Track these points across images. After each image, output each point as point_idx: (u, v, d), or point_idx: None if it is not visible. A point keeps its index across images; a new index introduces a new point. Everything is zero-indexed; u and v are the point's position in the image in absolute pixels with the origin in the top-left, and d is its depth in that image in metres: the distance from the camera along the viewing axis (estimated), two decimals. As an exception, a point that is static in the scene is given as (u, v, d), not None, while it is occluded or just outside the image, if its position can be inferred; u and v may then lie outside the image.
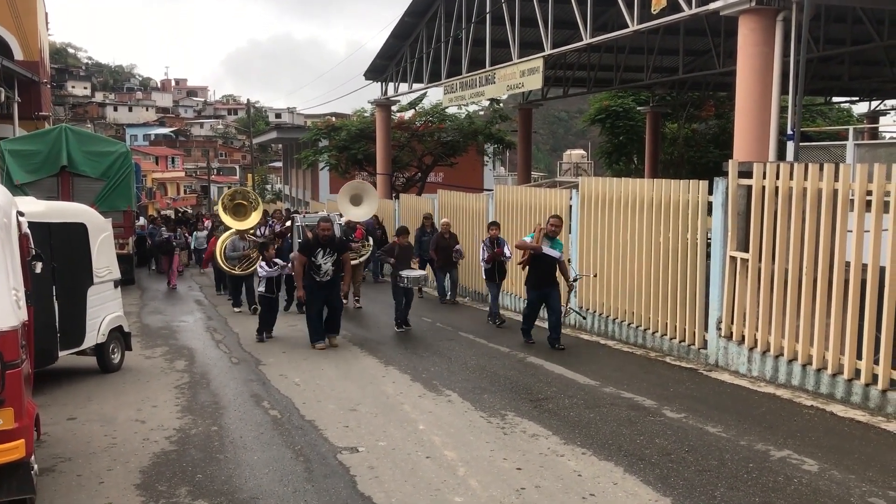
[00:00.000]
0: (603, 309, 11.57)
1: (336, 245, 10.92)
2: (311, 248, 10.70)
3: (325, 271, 10.69)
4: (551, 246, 10.60)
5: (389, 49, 26.37)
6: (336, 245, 10.92)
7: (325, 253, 10.63)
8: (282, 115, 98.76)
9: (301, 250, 10.94)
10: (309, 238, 10.96)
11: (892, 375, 7.18)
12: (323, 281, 10.72)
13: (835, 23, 20.36)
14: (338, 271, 10.86)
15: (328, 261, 10.66)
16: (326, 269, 10.68)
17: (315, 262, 10.61)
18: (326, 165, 32.28)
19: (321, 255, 10.61)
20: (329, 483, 5.72)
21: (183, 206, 57.18)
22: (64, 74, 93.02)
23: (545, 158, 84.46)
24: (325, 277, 10.71)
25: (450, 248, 14.67)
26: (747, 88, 12.57)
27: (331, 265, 10.69)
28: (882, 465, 5.94)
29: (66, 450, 6.53)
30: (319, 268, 10.64)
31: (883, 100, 30.80)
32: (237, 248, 14.69)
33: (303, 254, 10.77)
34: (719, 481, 5.65)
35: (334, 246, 10.83)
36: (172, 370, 9.69)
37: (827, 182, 7.73)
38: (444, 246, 14.78)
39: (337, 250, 10.81)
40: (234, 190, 16.81)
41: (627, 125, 32.64)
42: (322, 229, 10.76)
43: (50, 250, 8.10)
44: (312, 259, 10.61)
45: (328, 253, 10.65)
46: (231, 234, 15.04)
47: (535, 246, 10.56)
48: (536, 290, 10.77)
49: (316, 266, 10.63)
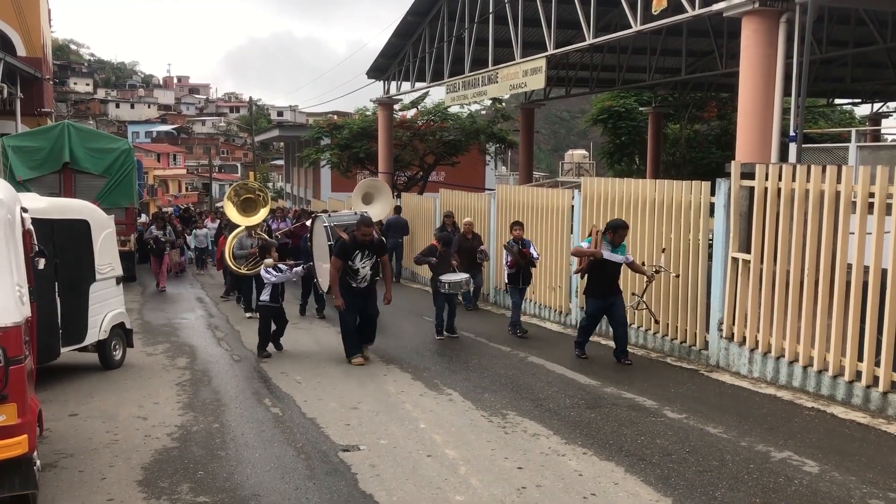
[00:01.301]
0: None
1: (375, 247, 9.85)
2: (348, 250, 9.63)
3: (363, 276, 9.73)
4: (613, 250, 9.63)
5: (392, 48, 26.37)
6: (375, 247, 9.85)
7: (363, 256, 9.65)
8: (284, 113, 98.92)
9: (338, 253, 9.69)
10: (345, 239, 9.83)
11: (892, 378, 7.19)
12: (360, 287, 9.75)
13: (838, 24, 20.35)
14: (375, 275, 9.88)
15: (366, 264, 9.68)
16: (364, 273, 9.72)
17: (352, 265, 9.62)
18: (328, 164, 32.27)
19: (359, 258, 9.63)
20: (330, 481, 5.73)
21: (185, 204, 57.10)
22: (66, 71, 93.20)
23: (547, 158, 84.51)
24: (362, 283, 9.75)
25: (473, 250, 13.06)
26: (750, 90, 12.57)
27: (369, 269, 9.73)
28: (883, 466, 5.95)
29: (68, 446, 6.54)
30: (357, 272, 9.65)
31: (885, 102, 30.79)
32: (244, 245, 13.82)
33: (339, 257, 9.62)
34: (720, 482, 5.66)
35: (373, 248, 9.79)
36: (174, 367, 9.70)
37: (829, 184, 7.74)
38: (468, 247, 13.05)
39: (376, 252, 9.81)
40: (241, 184, 15.57)
41: (629, 125, 32.65)
42: (363, 234, 9.65)
43: (52, 247, 8.10)
44: (349, 263, 9.61)
45: (367, 255, 9.67)
46: (239, 232, 14.18)
47: (594, 252, 9.61)
48: (597, 299, 9.78)
49: (353, 270, 9.63)
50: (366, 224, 9.81)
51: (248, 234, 13.91)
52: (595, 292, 9.82)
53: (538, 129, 39.85)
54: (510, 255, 11.74)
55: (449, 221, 15.08)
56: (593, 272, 9.73)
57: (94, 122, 77.40)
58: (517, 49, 19.73)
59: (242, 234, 14.02)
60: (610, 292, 9.72)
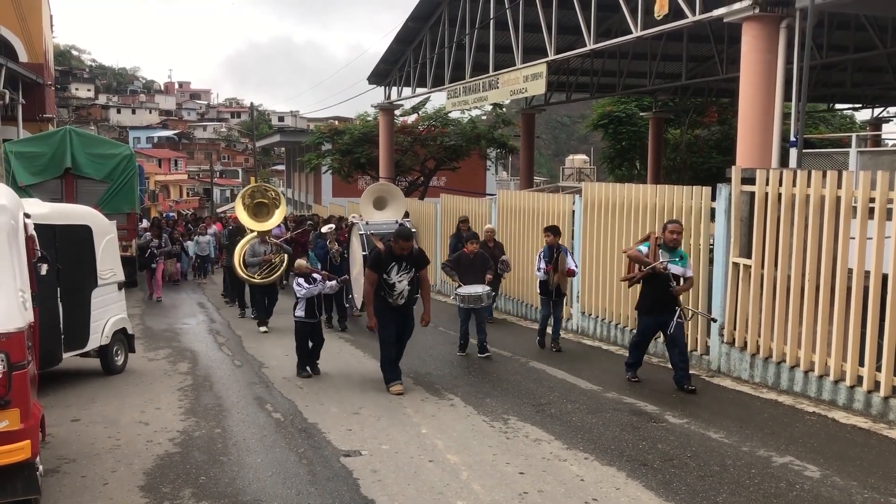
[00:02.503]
0: (605, 314, 11.57)
1: (414, 259, 8.71)
2: (383, 263, 8.56)
3: (400, 292, 8.58)
4: (671, 260, 8.48)
5: (393, 54, 26.44)
6: (414, 259, 8.71)
7: (399, 269, 8.55)
8: (285, 118, 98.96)
9: (371, 265, 8.63)
10: (379, 250, 8.79)
11: (893, 382, 7.19)
12: (396, 304, 8.65)
13: (838, 30, 20.40)
14: (414, 292, 8.80)
15: (403, 279, 8.58)
16: (402, 289, 8.58)
17: (388, 280, 8.51)
18: (329, 169, 32.34)
19: (395, 271, 8.52)
20: (332, 486, 5.74)
21: (190, 209, 57.12)
22: (68, 76, 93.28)
23: (547, 163, 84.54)
24: (399, 300, 8.61)
25: (495, 259, 11.83)
26: (750, 95, 12.61)
27: (407, 284, 8.61)
28: (884, 471, 5.95)
29: (70, 451, 6.55)
30: (393, 287, 8.53)
31: (886, 107, 30.84)
32: (257, 252, 12.91)
33: (374, 270, 8.53)
34: (721, 487, 5.66)
35: (411, 260, 8.67)
36: (175, 372, 9.71)
37: (830, 189, 7.76)
38: (490, 257, 11.70)
39: (414, 266, 8.69)
40: (254, 186, 14.56)
41: (630, 131, 32.72)
42: (401, 248, 8.54)
43: (55, 252, 8.12)
44: (385, 277, 8.51)
45: (404, 269, 8.58)
46: (251, 238, 13.27)
47: (652, 264, 8.45)
48: (651, 315, 8.66)
49: (388, 285, 8.52)
50: (404, 237, 8.63)
51: (262, 241, 13.06)
52: (648, 307, 8.68)
53: (539, 134, 39.91)
54: (543, 262, 10.73)
55: (465, 227, 14.23)
56: (647, 284, 8.62)
57: (95, 127, 77.48)
58: (518, 54, 19.78)
59: (255, 240, 13.15)
60: (667, 309, 8.48)
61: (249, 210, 13.31)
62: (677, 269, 8.47)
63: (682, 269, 8.53)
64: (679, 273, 8.49)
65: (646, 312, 8.74)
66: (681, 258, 8.56)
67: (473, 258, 10.78)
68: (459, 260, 10.86)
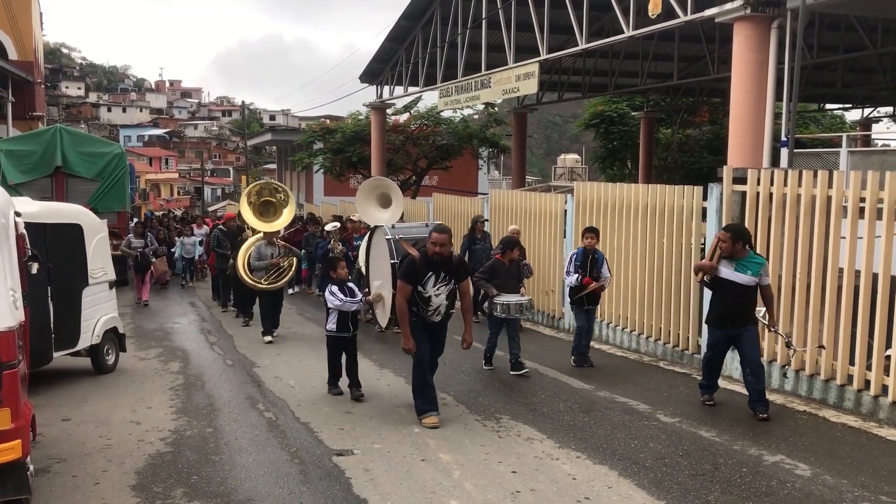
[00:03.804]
0: (596, 313, 11.58)
1: (454, 268, 7.37)
2: (418, 272, 7.20)
3: (437, 307, 7.32)
4: (737, 268, 7.41)
5: (385, 52, 26.40)
6: (454, 268, 7.37)
7: (437, 279, 7.24)
8: (276, 117, 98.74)
9: (404, 275, 7.24)
10: (414, 257, 7.30)
11: (884, 381, 7.24)
12: (432, 321, 7.41)
13: (828, 30, 20.47)
14: (450, 306, 7.51)
15: (441, 291, 7.28)
16: (439, 303, 7.32)
17: (422, 292, 7.25)
18: (321, 168, 32.26)
19: (432, 282, 7.23)
20: (324, 485, 5.73)
21: (180, 208, 56.90)
22: (58, 74, 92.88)
23: (539, 163, 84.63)
24: (435, 316, 7.37)
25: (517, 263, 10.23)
26: (742, 94, 12.64)
27: (444, 297, 7.34)
28: (874, 470, 5.98)
29: (61, 451, 6.52)
30: (428, 301, 7.27)
31: (876, 107, 30.96)
32: (263, 255, 11.84)
33: (408, 282, 7.19)
34: (713, 485, 5.68)
35: (450, 269, 7.32)
36: (167, 372, 9.68)
37: (821, 189, 7.79)
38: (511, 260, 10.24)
39: (454, 276, 7.38)
40: (261, 183, 13.31)
41: (622, 130, 32.75)
42: (436, 243, 7.15)
43: (45, 251, 8.10)
44: (420, 289, 7.24)
45: (442, 280, 7.26)
46: (257, 240, 12.20)
47: (707, 265, 7.61)
48: (716, 329, 7.71)
49: (424, 299, 7.26)
50: (441, 231, 7.28)
51: (269, 243, 12.01)
52: (714, 319, 7.77)
53: (531, 133, 39.95)
54: (574, 266, 9.77)
55: (480, 227, 13.31)
56: (715, 292, 7.69)
57: (85, 125, 77.25)
58: (510, 54, 19.79)
59: (261, 242, 12.05)
60: (735, 322, 7.48)
61: (255, 209, 12.30)
62: (741, 276, 7.36)
63: (747, 278, 7.35)
64: (741, 281, 7.35)
65: (712, 324, 7.82)
66: (753, 265, 7.39)
67: (509, 266, 9.59)
68: (494, 269, 9.55)
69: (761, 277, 7.40)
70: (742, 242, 7.38)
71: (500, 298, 9.25)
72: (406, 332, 7.27)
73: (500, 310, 9.23)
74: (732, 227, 7.63)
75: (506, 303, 9.21)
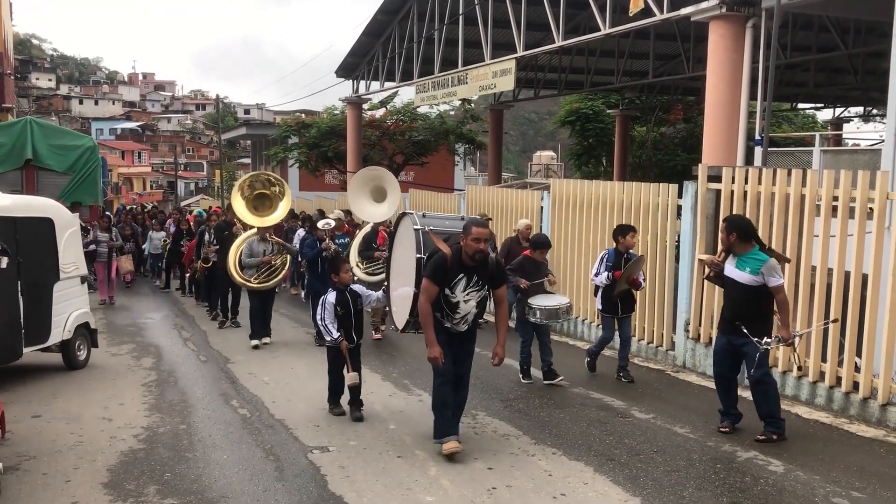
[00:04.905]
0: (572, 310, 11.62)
1: (489, 272, 6.29)
2: (448, 272, 6.18)
3: (464, 315, 6.32)
4: (737, 264, 6.64)
5: (362, 47, 26.32)
6: (489, 272, 6.29)
7: (469, 283, 6.21)
8: (251, 111, 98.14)
9: (431, 274, 6.19)
10: (444, 254, 6.22)
11: (854, 378, 7.33)
12: (457, 331, 6.40)
13: (801, 30, 20.70)
14: (479, 315, 6.54)
15: (472, 297, 6.26)
16: (468, 311, 6.31)
17: (450, 297, 6.22)
18: (296, 163, 32.11)
19: (462, 285, 6.20)
20: (300, 482, 5.70)
21: (152, 202, 56.24)
22: (28, 66, 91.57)
23: (515, 159, 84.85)
24: (460, 325, 6.36)
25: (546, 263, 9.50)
26: (717, 93, 12.75)
27: (474, 305, 6.33)
28: (845, 465, 6.05)
29: (31, 448, 6.42)
30: (456, 307, 6.26)
31: (847, 107, 31.39)
32: (255, 252, 11.08)
33: (434, 281, 6.17)
34: (687, 481, 5.72)
35: (485, 273, 6.26)
36: (139, 368, 9.58)
37: (794, 187, 7.87)
38: None
39: (489, 281, 6.33)
40: (254, 175, 12.21)
41: (597, 128, 32.91)
42: (479, 239, 6.07)
43: (16, 245, 7.98)
44: (447, 292, 6.22)
45: (474, 284, 6.23)
46: (249, 236, 11.45)
47: (709, 258, 7.11)
48: (721, 333, 7.02)
49: (450, 304, 6.25)
50: (482, 224, 6.34)
51: (261, 239, 11.24)
52: (719, 322, 7.25)
53: (507, 130, 39.99)
54: (605, 266, 8.78)
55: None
56: (725, 293, 7.02)
57: (56, 118, 76.18)
58: (487, 50, 19.81)
59: (253, 238, 11.31)
60: (735, 328, 6.63)
61: (249, 203, 11.30)
62: (740, 274, 6.61)
63: (746, 276, 6.56)
64: (741, 280, 6.59)
65: (718, 328, 7.22)
66: (752, 261, 6.56)
67: (539, 265, 8.75)
68: (524, 267, 8.71)
69: (765, 277, 6.47)
70: (737, 235, 6.61)
71: (535, 301, 8.41)
72: (431, 338, 6.20)
73: (540, 315, 8.36)
74: (728, 218, 7.08)
75: (544, 307, 8.29)
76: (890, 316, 6.89)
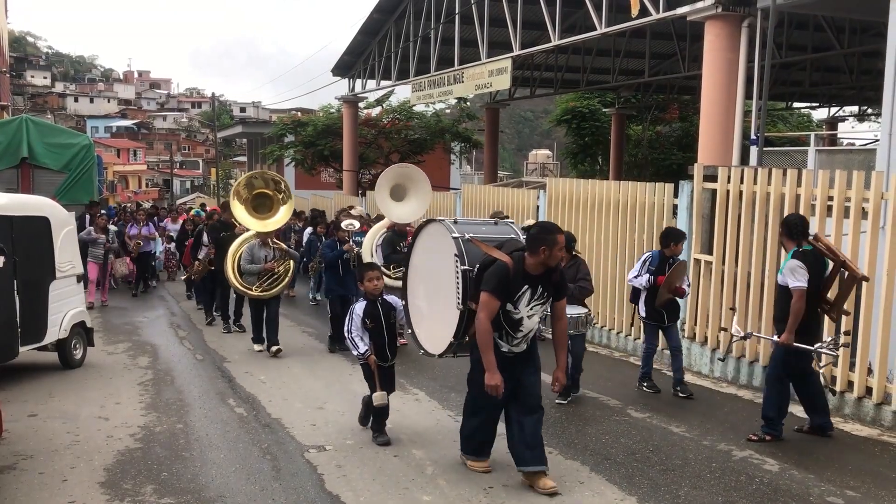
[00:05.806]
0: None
1: (555, 283, 5.62)
2: (511, 285, 5.45)
3: (528, 332, 5.65)
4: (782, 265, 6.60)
5: (358, 45, 26.28)
6: (555, 283, 5.62)
7: (533, 296, 5.51)
8: (247, 109, 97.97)
9: (498, 289, 5.42)
10: (508, 266, 5.45)
11: (849, 377, 7.36)
12: (515, 351, 5.68)
13: (797, 30, 20.75)
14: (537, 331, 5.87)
15: (536, 311, 5.58)
16: (531, 326, 5.63)
17: (513, 312, 5.52)
18: (292, 161, 32.06)
19: (526, 299, 5.50)
20: (296, 481, 5.71)
21: (148, 200, 56.12)
22: (23, 64, 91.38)
23: (510, 158, 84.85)
24: (521, 344, 5.67)
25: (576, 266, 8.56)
26: (712, 92, 12.77)
27: (537, 320, 5.67)
28: (840, 465, 6.08)
29: (27, 447, 6.43)
30: (519, 324, 5.56)
31: (842, 106, 31.44)
32: (256, 258, 10.40)
33: (498, 296, 5.43)
34: (683, 481, 5.75)
35: (550, 283, 5.58)
36: (136, 367, 9.57)
37: (790, 187, 7.89)
38: None
39: (553, 293, 5.64)
40: (252, 174, 11.49)
41: (593, 126, 32.93)
42: (554, 251, 5.41)
43: (12, 244, 7.97)
44: (509, 308, 5.50)
45: (538, 297, 5.54)
46: (248, 238, 10.80)
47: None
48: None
49: (513, 322, 5.55)
50: (559, 230, 5.59)
51: (262, 243, 10.53)
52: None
53: (503, 128, 40.02)
54: (646, 272, 8.15)
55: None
56: None
57: (52, 116, 75.99)
58: (483, 49, 19.80)
59: (254, 241, 10.62)
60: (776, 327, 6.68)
61: (248, 205, 10.66)
62: (779, 276, 6.57)
63: (780, 277, 6.51)
64: (779, 281, 6.55)
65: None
66: (785, 262, 6.48)
67: (567, 269, 7.57)
68: None
69: (786, 279, 6.37)
70: (781, 230, 6.62)
71: None
72: (491, 362, 5.46)
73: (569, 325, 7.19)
74: (786, 218, 6.80)
75: (570, 315, 7.10)
76: (885, 315, 6.92)
